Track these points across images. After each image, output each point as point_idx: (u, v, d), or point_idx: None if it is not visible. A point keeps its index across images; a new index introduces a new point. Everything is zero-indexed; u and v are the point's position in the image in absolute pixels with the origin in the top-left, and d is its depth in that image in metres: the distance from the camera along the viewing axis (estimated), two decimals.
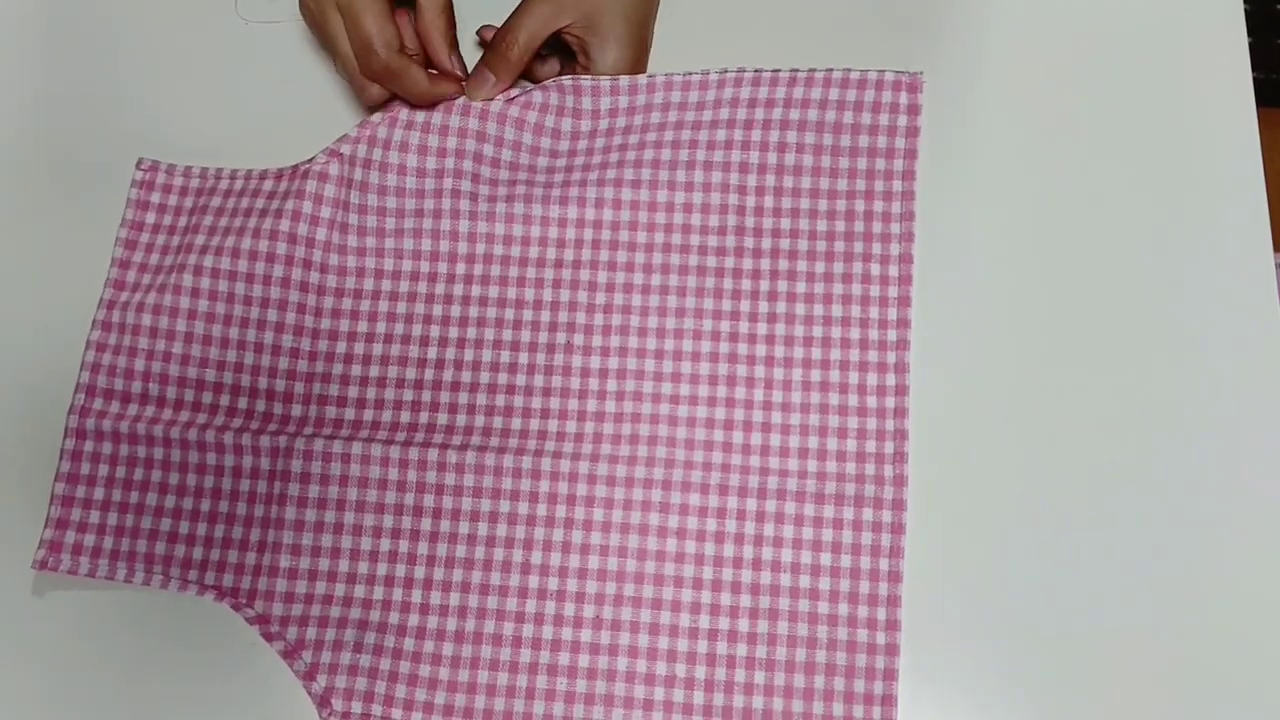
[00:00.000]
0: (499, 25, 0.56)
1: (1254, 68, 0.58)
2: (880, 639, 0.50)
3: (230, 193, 0.57)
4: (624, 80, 0.55)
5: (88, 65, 0.62)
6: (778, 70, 0.54)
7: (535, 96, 0.55)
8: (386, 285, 0.55)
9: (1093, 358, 0.54)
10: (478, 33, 0.59)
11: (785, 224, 0.54)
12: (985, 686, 0.51)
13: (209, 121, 0.60)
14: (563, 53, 0.58)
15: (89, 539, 0.53)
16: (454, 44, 0.56)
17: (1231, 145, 0.57)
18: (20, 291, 0.58)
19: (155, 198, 0.58)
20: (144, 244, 0.57)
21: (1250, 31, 0.59)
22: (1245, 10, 0.59)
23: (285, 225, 0.54)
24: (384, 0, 0.53)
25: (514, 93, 0.55)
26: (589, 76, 0.55)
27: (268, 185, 0.56)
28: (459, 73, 0.56)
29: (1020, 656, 0.51)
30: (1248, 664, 0.50)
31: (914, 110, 0.53)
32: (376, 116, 0.56)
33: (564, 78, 0.55)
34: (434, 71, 0.56)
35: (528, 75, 0.57)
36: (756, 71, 0.54)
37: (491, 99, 0.55)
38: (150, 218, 0.57)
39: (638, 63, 0.56)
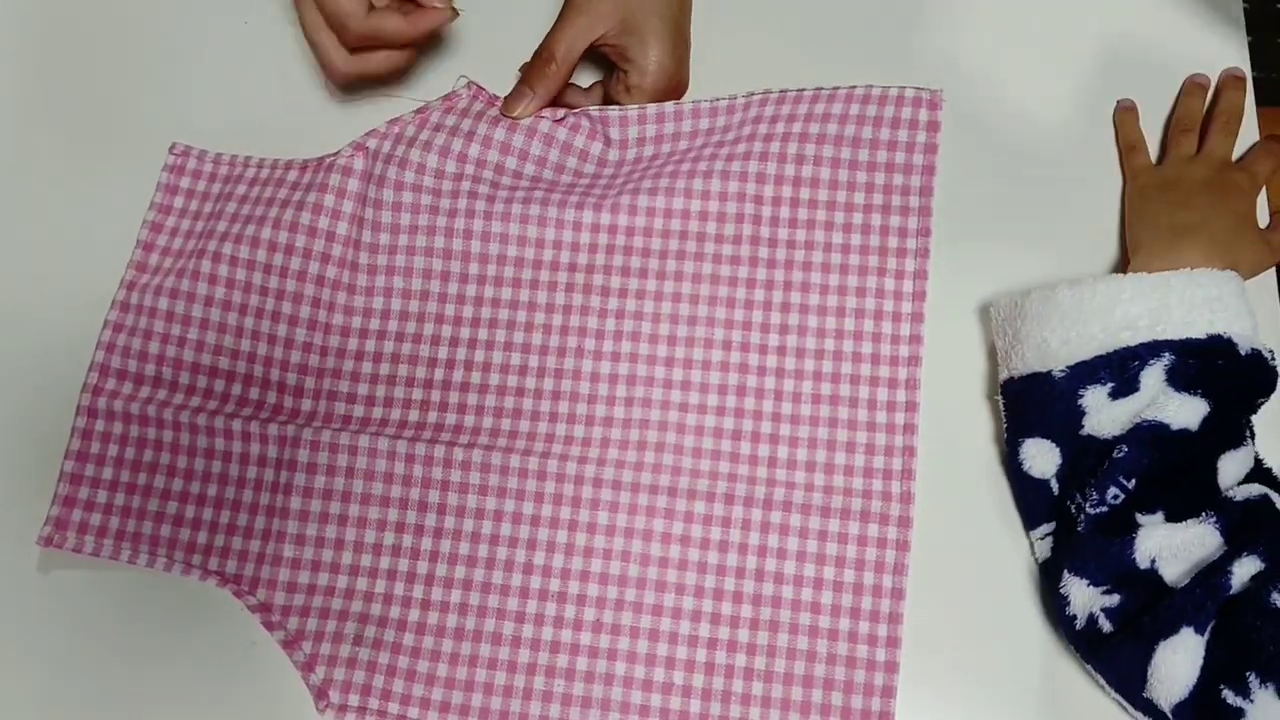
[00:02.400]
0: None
1: (1254, 68, 0.58)
2: (880, 656, 0.49)
3: (256, 181, 0.57)
4: (651, 109, 0.54)
5: (103, 56, 0.62)
6: (802, 89, 0.54)
7: (567, 119, 0.55)
8: (399, 283, 0.55)
9: None
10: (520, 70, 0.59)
11: (801, 235, 0.54)
12: (985, 706, 0.50)
13: (225, 114, 0.61)
14: (601, 69, 0.59)
15: (95, 518, 0.53)
16: None
17: None
18: (34, 272, 0.58)
19: (185, 183, 0.58)
20: (169, 228, 0.57)
21: (1250, 31, 0.59)
22: (1245, 10, 0.60)
23: (306, 218, 0.55)
24: None
25: (546, 113, 0.55)
26: (618, 107, 0.55)
27: (292, 176, 0.57)
28: (439, 3, 0.54)
29: (1022, 677, 0.51)
30: None
31: (933, 127, 0.54)
32: (408, 114, 0.56)
33: (592, 108, 0.55)
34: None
35: (561, 102, 0.57)
36: (781, 91, 0.54)
37: (528, 116, 0.55)
38: (178, 202, 0.58)
39: (681, 60, 0.56)
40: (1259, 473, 0.50)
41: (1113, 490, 0.47)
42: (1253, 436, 0.50)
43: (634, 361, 0.54)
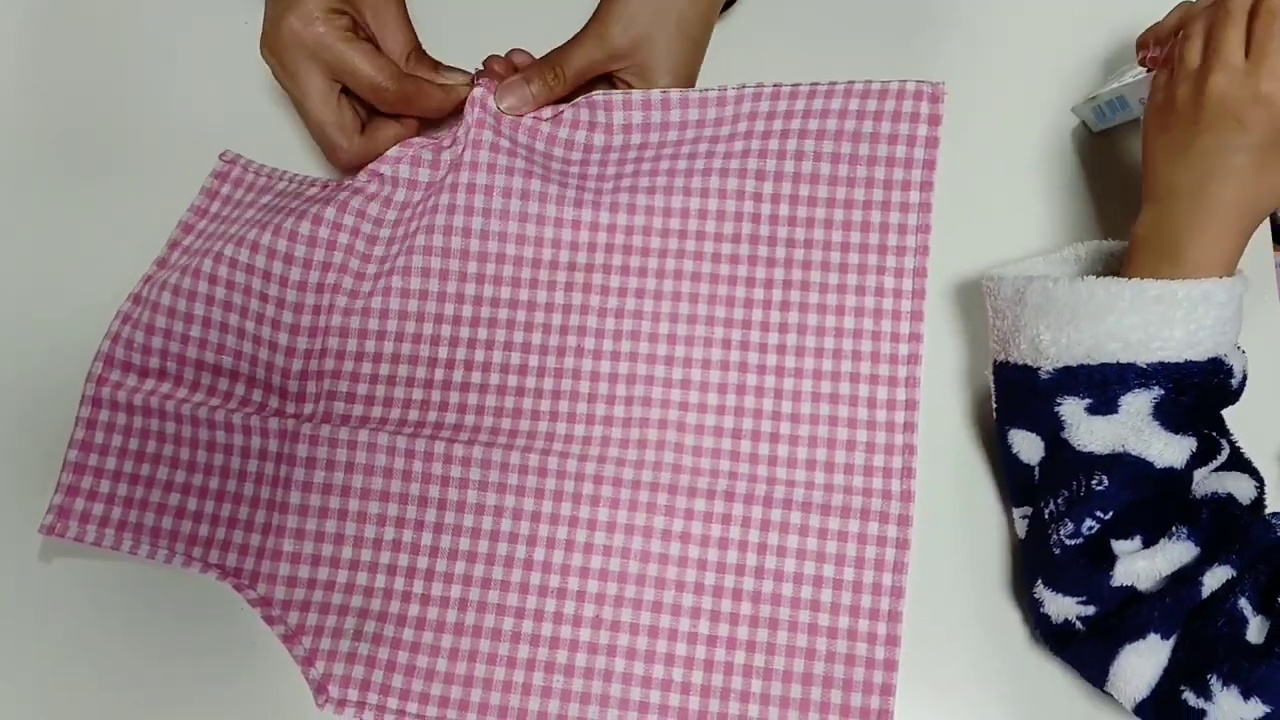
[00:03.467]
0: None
1: None
2: (879, 653, 0.49)
3: (282, 193, 0.57)
4: (636, 95, 0.54)
5: (104, 58, 0.63)
6: (798, 84, 0.54)
7: (565, 114, 0.54)
8: (398, 283, 0.55)
9: None
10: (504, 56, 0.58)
11: (800, 233, 0.54)
12: (985, 703, 0.50)
13: (223, 117, 0.61)
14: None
15: (98, 508, 0.53)
16: (434, 64, 0.57)
17: None
18: (41, 266, 0.59)
19: (225, 189, 0.59)
20: (199, 229, 0.58)
21: None
22: None
23: (305, 228, 0.54)
24: (367, 44, 0.54)
25: (547, 111, 0.55)
26: (618, 92, 0.54)
27: (311, 192, 0.57)
28: (460, 78, 0.56)
29: (1022, 674, 0.51)
30: None
31: (934, 120, 0.53)
32: (418, 140, 0.56)
33: (595, 93, 0.54)
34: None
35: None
36: (777, 85, 0.54)
37: (514, 114, 0.55)
38: (214, 206, 0.58)
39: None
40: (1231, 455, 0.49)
41: (1089, 523, 0.46)
42: (1221, 433, 0.49)
43: (634, 360, 0.54)
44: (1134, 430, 0.46)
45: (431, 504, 0.52)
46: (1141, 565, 0.45)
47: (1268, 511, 0.48)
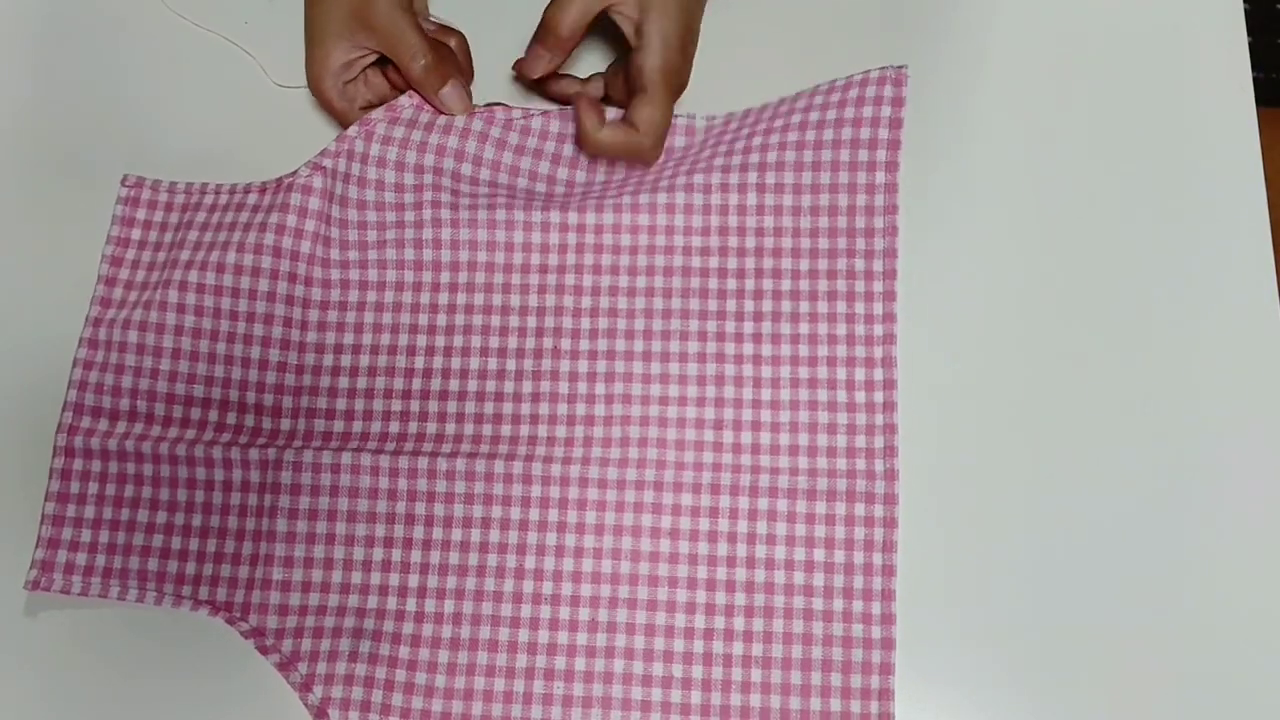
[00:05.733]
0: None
1: (1254, 68, 0.58)
2: (876, 633, 0.50)
3: (215, 207, 0.57)
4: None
5: (81, 74, 0.62)
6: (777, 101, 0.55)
7: (533, 123, 0.56)
8: (372, 296, 0.55)
9: (1088, 356, 0.54)
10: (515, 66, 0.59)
11: (769, 222, 0.54)
12: (980, 680, 0.51)
13: (200, 132, 0.60)
14: (609, 36, 0.58)
15: (81, 558, 0.52)
16: (444, 80, 0.56)
17: (1231, 145, 0.57)
18: (11, 305, 0.58)
19: (141, 214, 0.58)
20: (130, 261, 0.57)
21: (1250, 31, 0.59)
22: (1245, 10, 0.59)
23: (270, 239, 0.54)
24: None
25: (502, 114, 0.56)
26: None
27: (251, 199, 0.56)
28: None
29: (1015, 651, 0.51)
30: (1246, 664, 0.50)
31: (898, 103, 0.53)
32: (353, 130, 0.56)
33: (559, 109, 0.56)
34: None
35: (547, 93, 0.58)
36: (745, 110, 0.55)
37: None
38: (136, 234, 0.57)
39: (685, 47, 0.54)
40: None
41: None
42: None
43: (611, 359, 0.54)
44: None
45: (419, 521, 0.52)
46: None
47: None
